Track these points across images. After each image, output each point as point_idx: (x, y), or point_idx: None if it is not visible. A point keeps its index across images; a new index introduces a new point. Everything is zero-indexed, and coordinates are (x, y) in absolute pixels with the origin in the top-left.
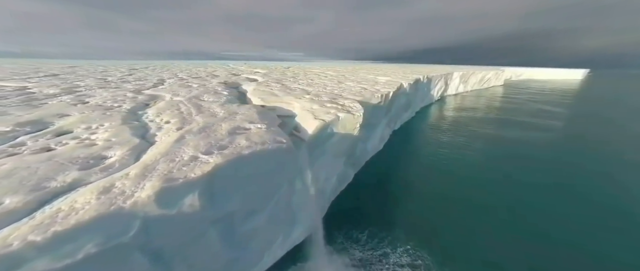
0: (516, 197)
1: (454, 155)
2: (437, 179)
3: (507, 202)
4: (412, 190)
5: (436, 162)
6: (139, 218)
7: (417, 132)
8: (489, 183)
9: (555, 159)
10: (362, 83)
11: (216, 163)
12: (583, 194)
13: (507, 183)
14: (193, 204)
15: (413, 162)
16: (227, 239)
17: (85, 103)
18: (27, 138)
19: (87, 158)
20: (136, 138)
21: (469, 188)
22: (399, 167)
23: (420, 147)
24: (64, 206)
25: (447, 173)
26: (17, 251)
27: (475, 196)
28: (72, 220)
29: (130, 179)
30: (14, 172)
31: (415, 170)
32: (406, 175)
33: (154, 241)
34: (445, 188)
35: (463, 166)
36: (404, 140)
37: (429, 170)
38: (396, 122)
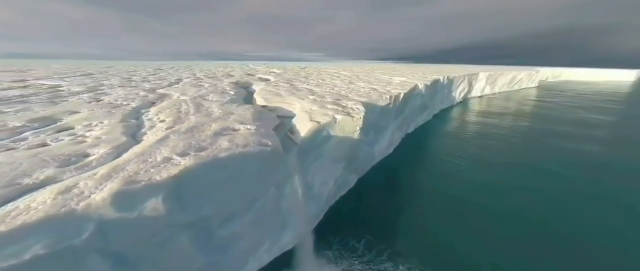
0: (545, 225)
1: (471, 164)
2: (449, 190)
3: (532, 227)
4: (420, 200)
5: (450, 170)
6: (93, 221)
7: (433, 137)
8: (507, 197)
9: (597, 183)
10: (374, 84)
11: (186, 166)
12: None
13: (531, 202)
14: (156, 208)
15: (424, 169)
16: (203, 243)
17: (99, 101)
18: (30, 133)
19: (70, 156)
20: (124, 137)
21: (485, 203)
22: (408, 173)
23: (434, 154)
24: (22, 205)
25: (462, 184)
26: None
27: (491, 210)
28: (20, 221)
29: (95, 179)
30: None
31: (426, 178)
32: (415, 183)
33: (115, 245)
34: (458, 201)
35: (481, 179)
36: (417, 145)
37: (442, 179)
38: (409, 126)
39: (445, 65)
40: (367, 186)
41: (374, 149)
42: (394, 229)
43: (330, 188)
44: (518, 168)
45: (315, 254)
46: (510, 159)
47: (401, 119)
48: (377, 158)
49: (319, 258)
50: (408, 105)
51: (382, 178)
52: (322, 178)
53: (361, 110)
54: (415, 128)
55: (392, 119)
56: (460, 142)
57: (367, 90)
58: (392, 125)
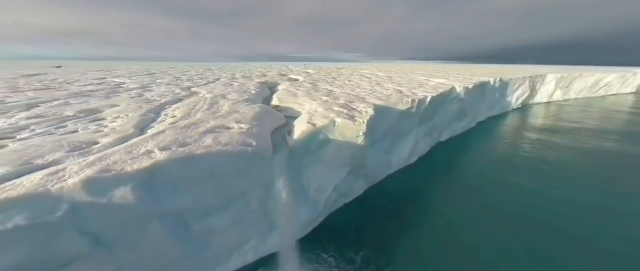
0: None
1: (511, 189)
2: (475, 216)
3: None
4: (436, 219)
5: (482, 193)
6: (66, 202)
7: (471, 149)
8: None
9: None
10: (403, 86)
11: (158, 160)
12: None
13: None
14: (125, 196)
15: (450, 186)
16: (180, 234)
17: (141, 96)
18: (71, 122)
19: (82, 143)
20: (132, 129)
21: (516, 243)
22: (430, 188)
23: (466, 168)
24: (18, 181)
25: (491, 211)
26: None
27: (521, 251)
28: (4, 194)
29: (80, 166)
30: (24, 148)
31: (449, 196)
32: (435, 200)
33: (90, 226)
34: (481, 231)
35: (518, 207)
36: (449, 157)
37: (469, 202)
38: (442, 133)
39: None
40: (378, 196)
41: (391, 157)
42: (399, 246)
43: (328, 194)
44: (588, 214)
45: (306, 259)
46: (573, 194)
47: (430, 125)
48: (395, 167)
49: (311, 263)
50: (440, 110)
51: (398, 190)
52: (319, 183)
53: (368, 114)
54: (451, 137)
55: (416, 125)
56: (505, 159)
57: (391, 93)
58: (416, 132)
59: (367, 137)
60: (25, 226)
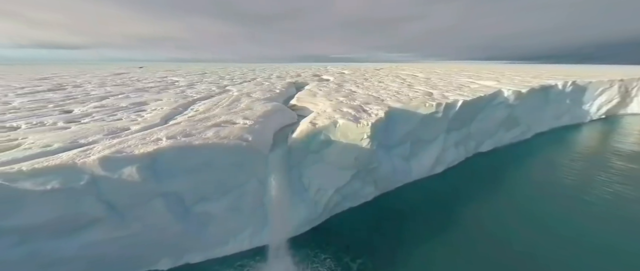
0: None
1: (575, 223)
2: (510, 244)
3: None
4: (455, 239)
5: (531, 221)
6: (87, 174)
7: (522, 164)
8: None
9: None
10: (437, 88)
11: (160, 147)
12: None
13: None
14: (131, 175)
15: (480, 205)
16: (180, 213)
17: (183, 93)
18: (123, 112)
19: (118, 129)
20: (158, 119)
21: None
22: (455, 203)
23: (512, 187)
24: (61, 154)
25: (531, 251)
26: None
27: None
28: (40, 166)
29: (104, 146)
30: (79, 130)
31: (479, 218)
32: (459, 219)
33: (105, 195)
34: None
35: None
36: (488, 171)
37: (507, 228)
38: (481, 143)
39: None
40: (391, 205)
41: (411, 164)
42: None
43: (330, 195)
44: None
45: (300, 256)
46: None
47: (464, 133)
48: (416, 175)
49: (303, 261)
50: (480, 117)
51: (416, 201)
52: (320, 183)
53: (377, 116)
54: (495, 148)
55: (443, 131)
56: (567, 183)
57: (417, 95)
58: (444, 139)
59: (373, 140)
60: (59, 189)
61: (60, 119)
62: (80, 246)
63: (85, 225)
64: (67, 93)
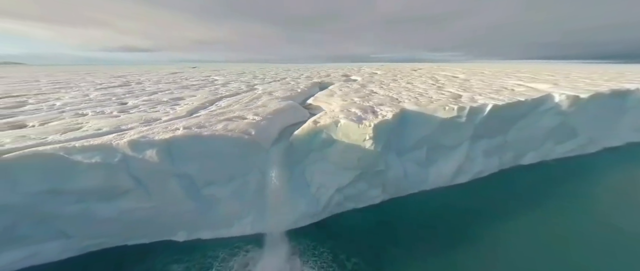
0: None
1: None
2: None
3: None
4: (468, 258)
5: (565, 253)
6: (120, 153)
7: (576, 182)
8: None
9: None
10: (470, 91)
11: (175, 135)
12: None
13: None
14: (151, 157)
15: (511, 226)
16: (192, 193)
17: (216, 90)
18: (161, 105)
19: (151, 119)
20: (185, 113)
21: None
22: (474, 219)
23: (553, 209)
24: (104, 137)
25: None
26: (70, 148)
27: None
28: (88, 143)
29: (135, 131)
30: (125, 118)
31: (500, 240)
32: (476, 236)
33: (133, 171)
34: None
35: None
36: (527, 187)
37: (532, 254)
38: (523, 154)
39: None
40: (400, 211)
41: (428, 171)
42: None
43: (331, 193)
44: None
45: (297, 248)
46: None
47: (498, 141)
48: (433, 183)
49: (299, 252)
50: (521, 124)
51: (429, 210)
52: (322, 181)
53: (383, 118)
54: (542, 161)
55: (469, 138)
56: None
57: (442, 97)
58: (470, 146)
59: (377, 142)
60: (100, 163)
61: (115, 109)
62: (117, 210)
63: (120, 194)
64: (129, 88)
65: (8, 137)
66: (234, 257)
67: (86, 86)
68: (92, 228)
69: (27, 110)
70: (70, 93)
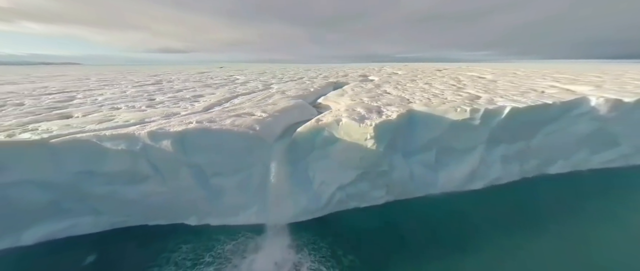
0: None
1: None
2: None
3: None
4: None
5: None
6: (141, 142)
7: (614, 197)
8: None
9: None
10: (490, 93)
11: (187, 128)
12: None
13: None
14: (166, 146)
15: (527, 239)
16: (202, 181)
17: (234, 88)
18: (182, 101)
19: (171, 113)
20: (201, 109)
21: None
22: (486, 227)
23: (583, 224)
24: (130, 127)
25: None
26: (101, 136)
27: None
28: (116, 132)
29: (155, 124)
30: (149, 112)
31: (511, 253)
32: (484, 247)
33: (152, 158)
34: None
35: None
36: (551, 198)
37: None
38: (551, 162)
39: None
40: (403, 212)
41: (437, 174)
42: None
43: (333, 191)
44: None
45: (296, 239)
46: None
47: (520, 147)
48: (443, 187)
49: (297, 244)
50: (547, 129)
51: (435, 214)
52: (324, 178)
53: (385, 118)
54: (574, 171)
55: (484, 142)
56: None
57: (457, 99)
58: (485, 151)
59: (379, 142)
60: (125, 150)
61: (144, 104)
62: (139, 193)
63: (141, 179)
64: (159, 87)
65: (56, 125)
66: (237, 244)
67: (125, 84)
68: (118, 207)
69: (74, 104)
70: (111, 90)
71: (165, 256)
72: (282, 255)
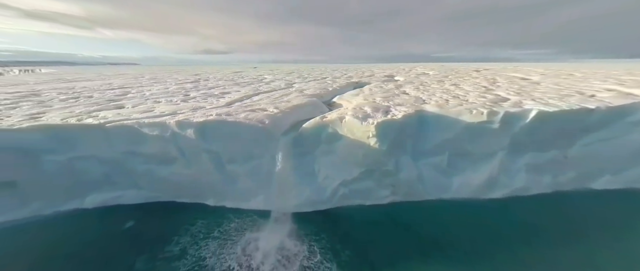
0: None
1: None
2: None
3: None
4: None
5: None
6: (170, 130)
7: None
8: None
9: None
10: (521, 95)
11: (207, 119)
12: None
13: None
14: (190, 134)
15: (553, 257)
16: (219, 166)
17: (258, 87)
18: (210, 97)
19: (198, 107)
20: (224, 104)
21: None
22: (500, 238)
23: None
24: (163, 117)
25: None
26: (141, 123)
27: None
28: (152, 121)
29: (183, 115)
30: (181, 106)
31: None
32: (494, 257)
33: (179, 144)
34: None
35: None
36: (595, 215)
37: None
38: (595, 176)
39: None
40: (410, 214)
41: (451, 179)
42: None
43: (336, 185)
44: None
45: (297, 228)
46: None
47: (552, 156)
48: (457, 192)
49: (297, 233)
50: (589, 138)
51: (446, 220)
52: (328, 172)
53: (388, 118)
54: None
55: (506, 148)
56: None
57: (479, 101)
58: (506, 157)
59: (381, 141)
60: (158, 135)
61: (179, 99)
62: (169, 173)
63: (170, 161)
64: (196, 84)
65: (111, 113)
66: (244, 225)
67: (170, 82)
68: (153, 184)
69: (128, 97)
70: (157, 86)
71: (184, 228)
72: (281, 241)
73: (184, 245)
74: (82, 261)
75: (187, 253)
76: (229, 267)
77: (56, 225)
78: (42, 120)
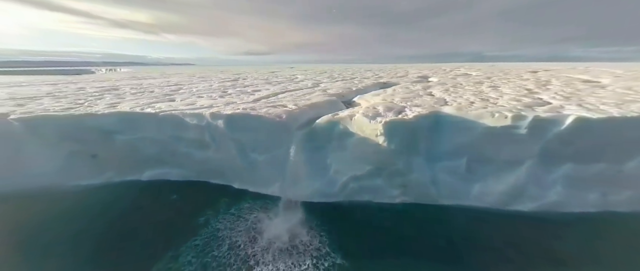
0: None
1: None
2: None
3: None
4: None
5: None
6: (206, 120)
7: None
8: None
9: None
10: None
11: (234, 112)
12: None
13: None
14: (220, 124)
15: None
16: (242, 154)
17: (287, 85)
18: (242, 93)
19: (231, 101)
20: (251, 99)
21: None
22: (520, 257)
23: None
24: (197, 109)
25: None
26: (183, 114)
27: None
28: (193, 112)
29: (216, 109)
30: (219, 100)
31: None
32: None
33: (211, 132)
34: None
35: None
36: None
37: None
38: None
39: None
40: (420, 216)
41: (471, 185)
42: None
43: (345, 179)
44: None
45: (304, 215)
46: None
47: (602, 169)
48: (478, 200)
49: (305, 221)
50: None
51: (458, 228)
52: (338, 167)
53: (397, 117)
54: None
55: (536, 156)
56: None
57: (509, 104)
58: (538, 166)
59: (389, 140)
60: (196, 124)
61: (218, 95)
62: (204, 157)
63: (205, 146)
64: (235, 83)
65: (164, 105)
66: (259, 208)
67: (214, 80)
68: (192, 165)
69: (179, 93)
70: (203, 84)
71: (210, 204)
72: (289, 227)
73: (208, 218)
74: (141, 222)
75: (209, 224)
76: (236, 242)
77: (123, 192)
78: (117, 108)
